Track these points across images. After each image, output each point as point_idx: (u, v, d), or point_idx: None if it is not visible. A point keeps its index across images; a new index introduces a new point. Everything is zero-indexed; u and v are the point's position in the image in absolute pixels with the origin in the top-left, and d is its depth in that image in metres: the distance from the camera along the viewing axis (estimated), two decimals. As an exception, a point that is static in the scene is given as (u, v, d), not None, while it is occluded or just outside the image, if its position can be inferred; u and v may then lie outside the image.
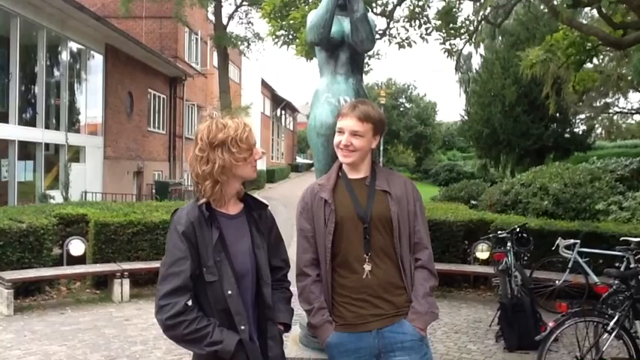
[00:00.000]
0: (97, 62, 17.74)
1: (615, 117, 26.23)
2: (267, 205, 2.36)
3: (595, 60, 11.77)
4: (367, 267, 2.41)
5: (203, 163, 2.14)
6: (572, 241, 7.34)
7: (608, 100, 23.68)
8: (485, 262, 8.20)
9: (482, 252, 8.19)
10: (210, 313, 2.11)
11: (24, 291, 7.29)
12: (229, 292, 2.11)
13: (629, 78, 17.67)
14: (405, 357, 2.38)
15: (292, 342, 3.40)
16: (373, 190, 2.50)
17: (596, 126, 27.73)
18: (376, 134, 2.54)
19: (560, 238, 7.39)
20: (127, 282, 7.54)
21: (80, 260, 8.05)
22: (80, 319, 6.61)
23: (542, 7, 12.93)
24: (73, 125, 16.63)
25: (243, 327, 2.14)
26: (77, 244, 8.08)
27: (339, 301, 2.47)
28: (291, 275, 2.46)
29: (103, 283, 7.94)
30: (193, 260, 2.09)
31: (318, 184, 2.60)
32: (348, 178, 2.55)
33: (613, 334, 4.32)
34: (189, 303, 2.06)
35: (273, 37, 9.44)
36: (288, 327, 2.36)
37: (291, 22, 8.66)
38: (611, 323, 4.32)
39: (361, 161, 2.54)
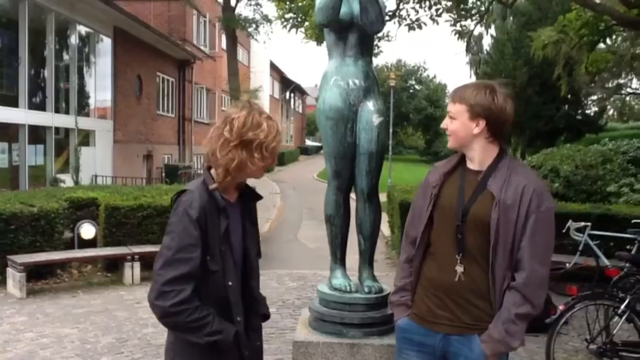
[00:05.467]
0: (105, 46, 17.71)
1: (628, 98, 25.97)
2: (262, 197, 2.33)
3: (608, 40, 11.60)
4: (459, 269, 2.24)
5: (225, 150, 2.05)
6: (583, 223, 7.29)
7: (621, 81, 23.44)
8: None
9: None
10: (205, 303, 2.04)
11: (36, 274, 7.36)
12: (230, 282, 2.09)
13: (643, 58, 17.40)
14: None
15: (302, 325, 3.42)
16: (482, 188, 2.26)
17: (608, 107, 27.48)
18: (476, 118, 2.25)
19: (571, 220, 7.35)
20: (137, 265, 7.59)
21: (91, 244, 8.12)
22: (92, 302, 6.68)
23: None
24: (83, 109, 16.66)
25: (239, 318, 2.13)
26: (88, 227, 8.15)
27: (420, 290, 2.39)
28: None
29: (113, 266, 8.01)
30: (203, 248, 2.03)
31: (435, 165, 2.51)
32: (466, 167, 2.35)
33: (624, 318, 4.29)
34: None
35: (282, 20, 9.38)
36: (266, 317, 2.36)
37: (300, 4, 8.59)
38: (622, 306, 4.29)
39: (465, 148, 2.33)
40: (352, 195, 3.88)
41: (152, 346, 5.20)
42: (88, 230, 8.14)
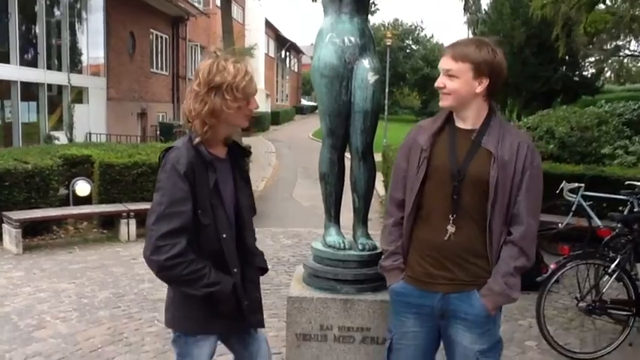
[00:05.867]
0: (97, 2, 17.36)
1: (625, 60, 25.81)
2: (251, 153, 2.36)
3: (607, 1, 11.47)
4: (451, 229, 2.22)
5: (197, 101, 2.09)
6: (576, 184, 7.33)
7: (619, 42, 23.22)
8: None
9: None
10: (200, 256, 2.07)
11: (32, 230, 7.39)
12: (224, 235, 2.12)
13: (643, 19, 17.21)
14: (466, 330, 2.27)
15: (296, 281, 3.46)
16: (477, 146, 2.22)
17: (606, 69, 27.33)
18: (479, 77, 2.19)
19: (564, 181, 7.38)
20: (133, 222, 7.63)
21: (86, 201, 8.14)
22: (88, 258, 6.73)
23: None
24: (75, 66, 16.45)
25: (235, 270, 2.16)
26: (83, 184, 8.15)
27: (413, 252, 2.35)
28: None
29: (109, 223, 8.04)
30: (193, 201, 2.06)
31: (420, 125, 2.42)
32: (455, 127, 2.29)
33: (614, 277, 4.36)
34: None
35: (278, -26, 9.18)
36: (264, 270, 2.39)
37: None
38: (612, 265, 4.35)
39: (462, 107, 2.26)
40: (347, 154, 3.87)
41: (148, 300, 5.27)
42: (82, 187, 8.14)
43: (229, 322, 2.22)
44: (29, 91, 13.90)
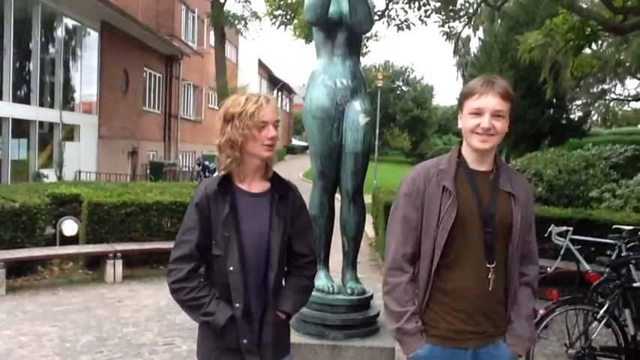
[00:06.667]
0: (92, 39, 17.55)
1: (612, 104, 26.18)
2: (291, 187, 2.32)
3: (594, 45, 11.71)
4: (492, 277, 2.10)
5: (219, 135, 2.20)
6: (564, 228, 7.34)
7: (605, 86, 23.60)
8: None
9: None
10: (214, 285, 2.17)
11: (16, 270, 7.25)
12: (231, 268, 2.13)
13: (627, 64, 17.58)
14: None
15: (283, 326, 3.40)
16: (497, 188, 2.15)
17: (592, 112, 27.68)
18: (511, 115, 2.15)
19: (553, 225, 7.39)
20: (119, 263, 7.51)
21: (73, 240, 8.03)
22: (72, 300, 6.60)
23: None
24: (68, 103, 16.50)
25: (238, 304, 2.14)
26: (70, 224, 8.06)
27: (435, 308, 2.16)
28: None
29: (95, 263, 7.91)
30: (203, 231, 2.15)
31: (439, 168, 2.20)
32: (470, 169, 2.18)
33: (602, 323, 4.33)
34: (201, 271, 2.17)
35: (271, 16, 9.35)
36: (289, 316, 2.29)
37: (289, 1, 8.57)
38: (601, 311, 4.33)
39: (492, 150, 2.17)
40: (337, 195, 3.87)
41: (132, 345, 5.16)
42: (70, 226, 8.06)
43: (236, 357, 2.17)
44: (20, 127, 13.89)
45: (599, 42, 14.72)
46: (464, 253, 2.11)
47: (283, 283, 2.29)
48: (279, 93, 51.04)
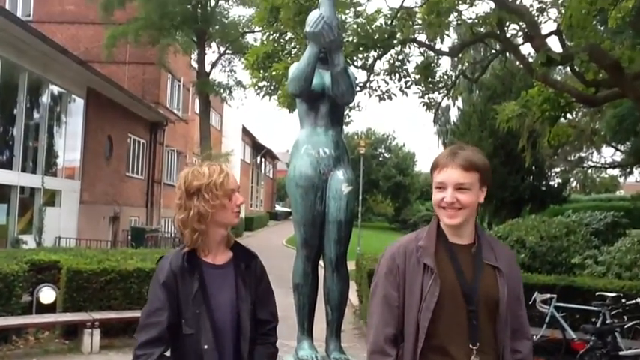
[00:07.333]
0: (77, 106, 17.70)
1: (589, 171, 26.76)
2: (255, 256, 2.31)
3: (569, 115, 12.07)
4: (477, 359, 1.98)
5: (181, 211, 2.14)
6: (548, 295, 7.35)
7: (582, 154, 24.20)
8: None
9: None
10: None
11: (-11, 340, 7.03)
12: (205, 346, 2.08)
13: (602, 133, 18.12)
14: None
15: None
16: (480, 262, 2.05)
17: (571, 179, 28.23)
18: (483, 186, 2.07)
19: (537, 292, 7.40)
20: (97, 332, 7.31)
21: (50, 308, 7.82)
22: (47, 371, 6.38)
23: (517, 63, 13.31)
24: (51, 168, 16.45)
25: None
26: (48, 291, 7.87)
27: None
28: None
29: (72, 332, 7.68)
30: (172, 311, 2.07)
31: (418, 243, 2.10)
32: (450, 242, 2.09)
33: (591, 392, 4.28)
34: (167, 354, 2.06)
35: (256, 87, 9.55)
36: None
37: (274, 73, 8.78)
38: (589, 380, 4.29)
39: (467, 222, 2.08)
40: (321, 262, 3.86)
41: (108, 419, 4.96)
42: (47, 294, 7.86)
43: None
44: (1, 192, 13.76)
45: (575, 112, 15.20)
46: (449, 334, 2.01)
47: None
48: (263, 159, 51.42)
